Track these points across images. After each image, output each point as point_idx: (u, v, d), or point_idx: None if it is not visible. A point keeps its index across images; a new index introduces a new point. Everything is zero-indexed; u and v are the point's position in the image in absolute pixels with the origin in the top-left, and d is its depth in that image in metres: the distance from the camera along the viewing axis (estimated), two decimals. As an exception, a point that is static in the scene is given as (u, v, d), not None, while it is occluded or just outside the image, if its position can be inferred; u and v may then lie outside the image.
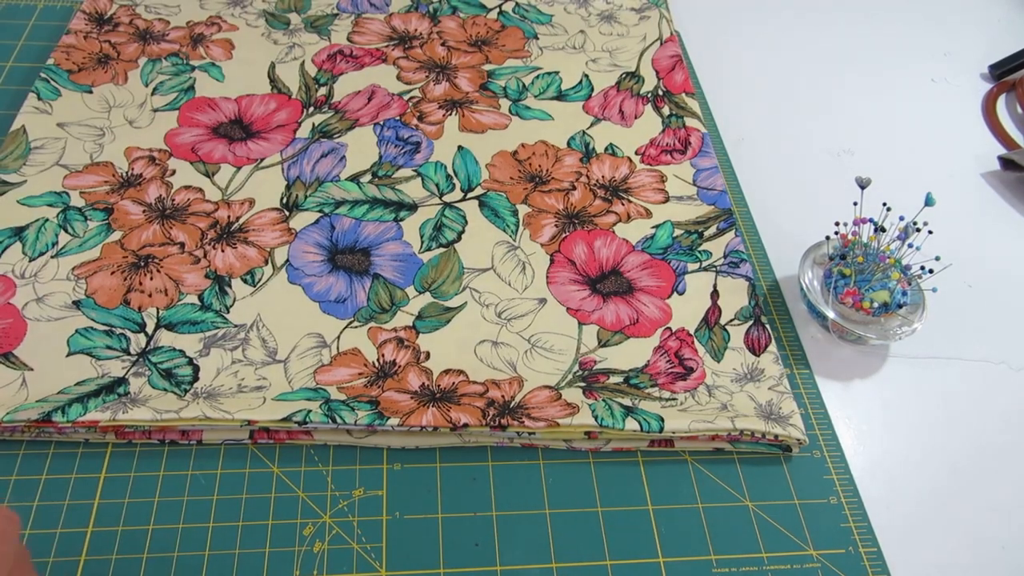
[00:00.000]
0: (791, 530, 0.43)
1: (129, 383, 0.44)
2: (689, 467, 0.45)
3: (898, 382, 0.51)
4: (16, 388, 0.44)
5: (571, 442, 0.45)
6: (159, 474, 0.43)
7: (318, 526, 0.42)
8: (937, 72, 0.73)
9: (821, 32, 0.75)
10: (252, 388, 0.45)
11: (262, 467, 0.43)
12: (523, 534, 0.42)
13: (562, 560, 0.41)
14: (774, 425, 0.45)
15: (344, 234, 0.53)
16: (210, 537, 0.41)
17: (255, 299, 0.49)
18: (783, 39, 0.74)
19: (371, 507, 0.42)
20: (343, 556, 0.41)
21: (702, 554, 0.42)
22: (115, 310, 0.47)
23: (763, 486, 0.45)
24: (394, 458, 0.44)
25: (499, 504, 0.43)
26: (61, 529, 0.40)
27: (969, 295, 0.56)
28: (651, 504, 0.44)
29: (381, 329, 0.48)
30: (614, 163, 0.59)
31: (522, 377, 0.46)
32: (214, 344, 0.46)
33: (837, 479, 0.46)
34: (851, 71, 0.71)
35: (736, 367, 0.48)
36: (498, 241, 0.53)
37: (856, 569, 0.42)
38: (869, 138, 0.66)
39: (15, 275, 0.49)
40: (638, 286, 0.52)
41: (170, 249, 0.50)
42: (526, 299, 0.50)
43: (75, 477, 0.42)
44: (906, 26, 0.77)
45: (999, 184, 0.64)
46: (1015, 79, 0.72)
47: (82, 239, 0.51)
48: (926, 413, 0.50)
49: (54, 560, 0.39)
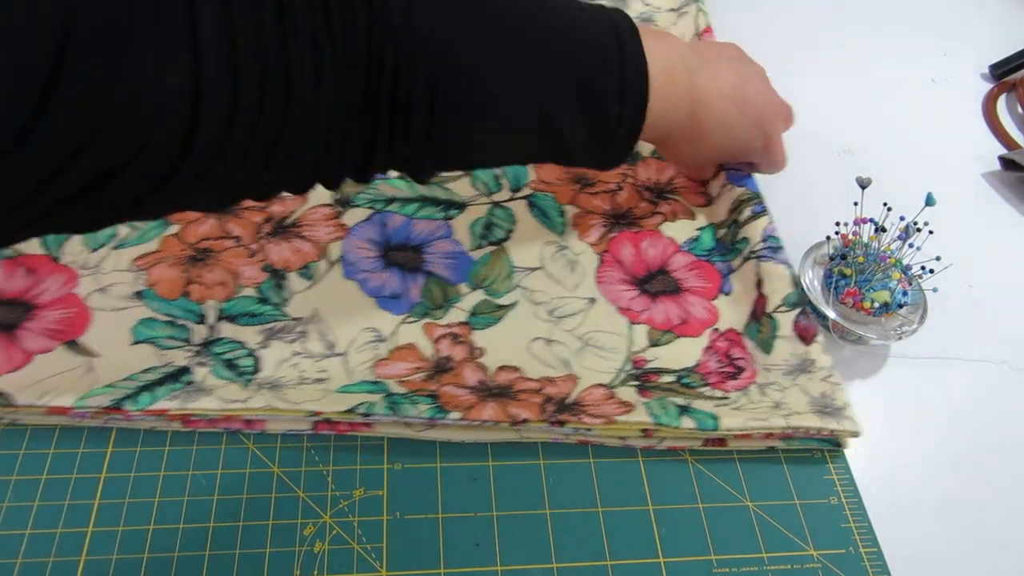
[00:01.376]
0: (791, 530, 0.43)
1: (193, 373, 0.45)
2: (689, 467, 0.45)
3: (898, 382, 0.51)
4: (81, 373, 0.44)
5: (626, 439, 0.45)
6: (159, 474, 0.43)
7: (318, 526, 0.42)
8: (937, 72, 0.73)
9: (820, 32, 0.75)
10: (313, 380, 0.45)
11: (262, 467, 0.43)
12: (523, 534, 0.42)
13: (562, 560, 0.41)
14: (828, 420, 0.44)
15: (396, 231, 0.53)
16: (210, 537, 0.41)
17: (312, 293, 0.50)
18: (781, 39, 0.74)
19: (371, 507, 0.42)
20: (344, 556, 0.41)
21: (702, 554, 0.42)
22: (176, 301, 0.48)
23: (763, 486, 0.45)
24: (394, 458, 0.44)
25: (499, 504, 0.43)
26: (61, 529, 0.40)
27: (969, 295, 0.56)
28: (651, 504, 0.44)
29: (436, 325, 0.49)
30: (659, 166, 0.59)
31: (576, 375, 0.47)
32: (273, 336, 0.47)
33: (837, 479, 0.46)
34: (851, 71, 0.71)
35: (787, 357, 0.47)
36: (547, 240, 0.54)
37: (856, 569, 0.42)
38: (869, 138, 0.66)
39: (77, 266, 0.50)
40: (685, 286, 0.52)
41: (227, 243, 0.51)
42: (576, 298, 0.51)
43: (75, 477, 0.42)
44: (906, 26, 0.77)
45: (999, 184, 0.64)
46: (1015, 79, 0.72)
47: (141, 231, 0.52)
48: (926, 413, 0.50)
49: (54, 560, 0.39)
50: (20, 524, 0.40)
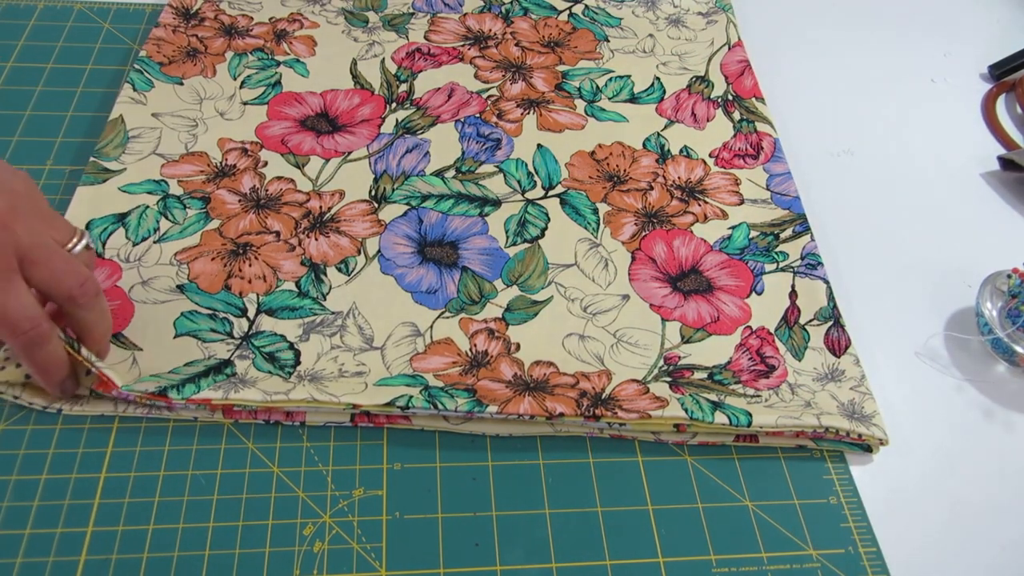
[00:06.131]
0: (791, 530, 0.43)
1: (235, 365, 0.46)
2: (689, 467, 0.45)
3: (898, 382, 0.51)
4: (128, 367, 0.45)
5: (659, 434, 0.46)
6: (159, 474, 0.43)
7: (318, 526, 0.42)
8: (937, 72, 0.73)
9: (819, 31, 0.75)
10: (353, 373, 0.46)
11: (262, 467, 0.43)
12: (523, 534, 0.42)
13: (562, 560, 0.41)
14: (858, 424, 0.45)
15: (432, 227, 0.54)
16: (210, 537, 0.41)
17: (350, 287, 0.50)
18: (781, 39, 0.74)
19: (371, 507, 0.42)
20: (343, 556, 0.41)
21: (702, 554, 0.42)
22: (217, 295, 0.49)
23: (763, 486, 0.45)
24: (394, 458, 0.44)
25: (499, 504, 0.43)
26: (61, 529, 0.40)
27: (969, 295, 0.56)
28: (651, 504, 0.44)
29: (472, 320, 0.49)
30: (689, 165, 0.60)
31: (610, 370, 0.47)
32: (313, 330, 0.48)
33: (837, 479, 0.46)
34: (851, 71, 0.71)
35: (817, 367, 0.49)
36: (580, 238, 0.54)
37: (856, 569, 0.42)
38: (869, 138, 0.66)
39: (120, 259, 0.50)
40: (717, 285, 0.53)
41: (266, 237, 0.52)
42: (610, 295, 0.52)
43: (75, 477, 0.42)
44: (906, 26, 0.77)
45: (999, 184, 0.64)
46: (1015, 79, 0.72)
47: (182, 226, 0.52)
48: (925, 413, 0.50)
49: (54, 560, 0.39)
50: (20, 524, 0.40)
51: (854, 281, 0.55)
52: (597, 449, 0.46)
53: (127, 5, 0.69)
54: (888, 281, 0.56)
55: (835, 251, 0.57)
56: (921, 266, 0.57)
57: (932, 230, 0.59)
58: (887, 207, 0.61)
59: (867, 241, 0.58)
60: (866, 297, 0.54)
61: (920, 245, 0.58)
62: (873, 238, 0.58)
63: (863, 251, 0.57)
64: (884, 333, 0.53)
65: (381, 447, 0.45)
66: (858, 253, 0.57)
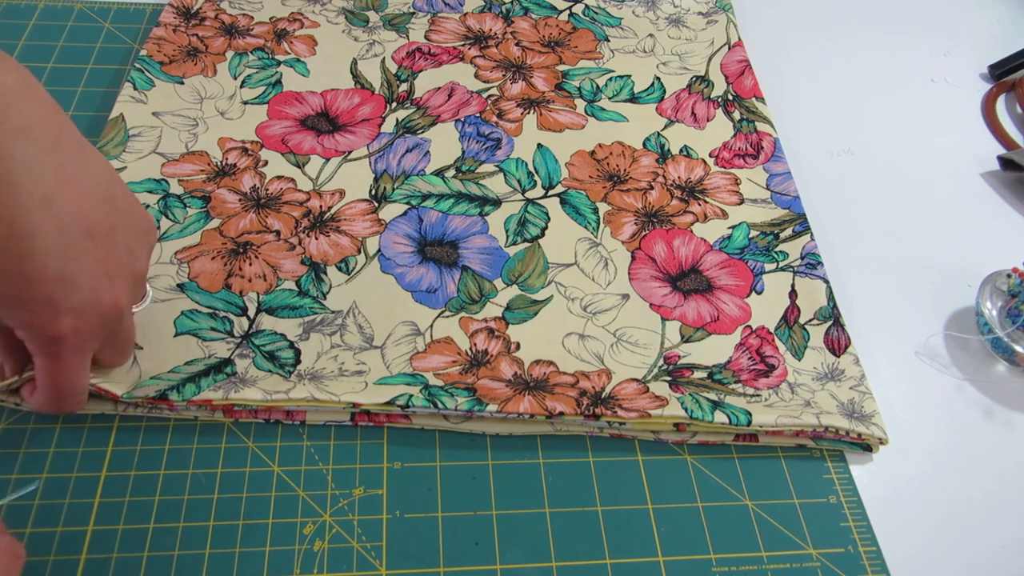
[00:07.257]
0: (791, 529, 0.43)
1: (235, 364, 0.46)
2: (689, 466, 0.45)
3: (898, 381, 0.51)
4: (128, 366, 0.45)
5: (659, 433, 0.46)
6: (159, 473, 0.43)
7: (318, 525, 0.42)
8: (937, 72, 0.73)
9: (819, 31, 0.75)
10: (353, 372, 0.46)
11: (262, 466, 0.43)
12: (523, 533, 0.42)
13: (562, 559, 0.41)
14: (857, 423, 0.46)
15: (432, 227, 0.54)
16: (210, 536, 0.41)
17: (350, 287, 0.50)
18: (781, 38, 0.74)
19: (371, 506, 0.42)
20: (343, 555, 0.41)
21: (702, 553, 0.42)
22: (217, 294, 0.49)
23: (763, 485, 0.45)
24: (394, 457, 0.44)
25: (499, 503, 0.43)
26: (61, 528, 0.40)
27: (969, 295, 0.56)
28: (651, 503, 0.44)
29: (472, 319, 0.49)
30: (689, 164, 0.60)
31: (610, 369, 0.48)
32: (313, 329, 0.48)
33: (837, 478, 0.46)
34: (851, 70, 0.71)
35: (816, 366, 0.49)
36: (580, 238, 0.55)
37: (856, 568, 0.42)
38: (869, 138, 0.66)
39: None
40: (717, 284, 0.53)
41: (267, 236, 0.52)
42: (609, 294, 0.52)
43: (75, 476, 0.42)
44: (906, 26, 0.77)
45: (999, 184, 0.64)
46: (1015, 79, 0.72)
47: (183, 225, 0.52)
48: (925, 412, 0.50)
49: (54, 559, 0.39)
50: (20, 523, 0.40)
51: (854, 281, 0.55)
52: (597, 448, 0.46)
53: (127, 5, 0.69)
54: (888, 281, 0.56)
55: (835, 251, 0.57)
56: (921, 266, 0.57)
57: (932, 230, 0.60)
58: (887, 207, 0.61)
59: (867, 241, 0.58)
60: (866, 297, 0.55)
61: (920, 245, 0.58)
62: (873, 238, 0.58)
63: (863, 251, 0.57)
64: (884, 332, 0.53)
65: (381, 446, 0.45)
66: (858, 253, 0.57)
